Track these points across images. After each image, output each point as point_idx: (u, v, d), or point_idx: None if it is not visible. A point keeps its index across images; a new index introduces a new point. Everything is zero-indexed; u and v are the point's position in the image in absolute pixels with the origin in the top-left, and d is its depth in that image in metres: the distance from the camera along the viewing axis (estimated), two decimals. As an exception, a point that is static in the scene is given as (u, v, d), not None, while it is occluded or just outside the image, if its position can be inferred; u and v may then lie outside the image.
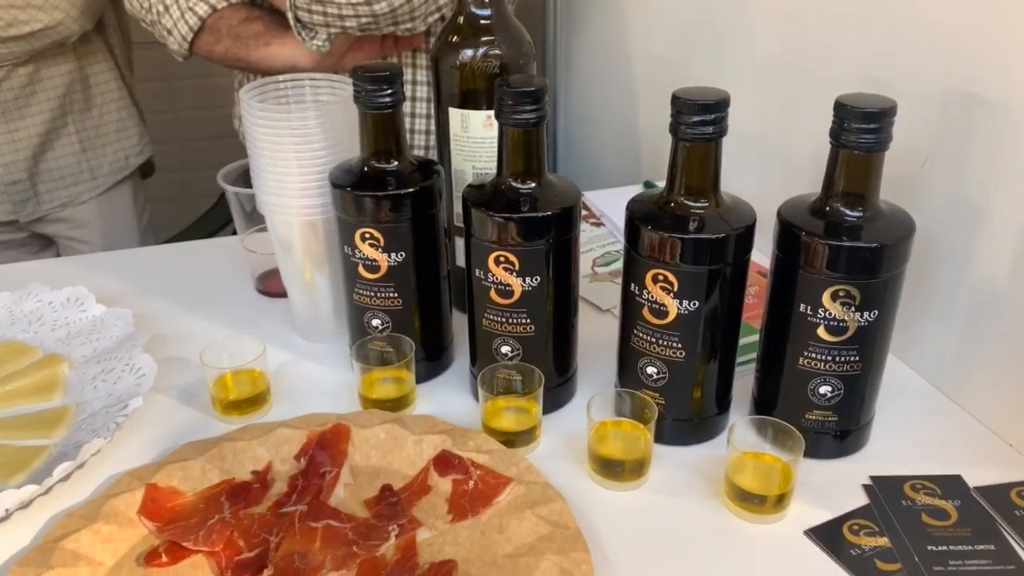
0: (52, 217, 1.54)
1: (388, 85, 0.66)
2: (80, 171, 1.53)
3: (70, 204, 1.54)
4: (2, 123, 1.42)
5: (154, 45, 1.68)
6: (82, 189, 1.54)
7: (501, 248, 0.64)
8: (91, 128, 1.53)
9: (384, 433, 0.67)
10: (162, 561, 0.57)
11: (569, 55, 1.47)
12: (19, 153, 1.46)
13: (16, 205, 1.49)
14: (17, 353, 0.78)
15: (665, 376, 0.65)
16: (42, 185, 1.50)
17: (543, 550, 0.56)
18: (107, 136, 1.56)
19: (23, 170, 1.46)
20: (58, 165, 1.51)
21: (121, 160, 1.59)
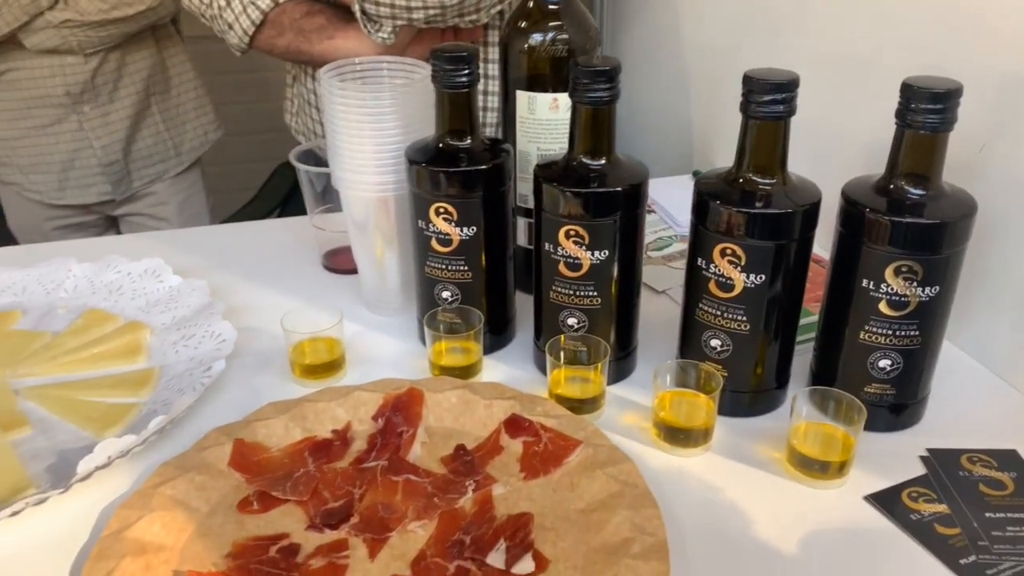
0: (139, 195, 1.60)
1: (466, 65, 0.69)
2: (165, 148, 1.61)
3: (157, 180, 1.61)
4: (97, 107, 1.49)
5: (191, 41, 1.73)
6: (168, 166, 1.61)
7: (572, 222, 0.67)
8: (172, 108, 1.61)
9: (455, 398, 0.70)
10: (254, 508, 0.61)
11: (617, 45, 1.50)
12: (113, 135, 1.53)
13: (113, 185, 1.56)
14: (100, 320, 0.82)
15: (729, 348, 0.67)
16: (133, 164, 1.57)
17: (615, 506, 0.59)
18: (187, 115, 1.64)
19: (118, 151, 1.54)
20: (146, 144, 1.58)
21: (201, 136, 1.66)
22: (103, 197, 1.58)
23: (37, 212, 1.62)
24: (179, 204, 1.67)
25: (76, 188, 1.57)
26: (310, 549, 0.57)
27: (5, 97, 1.49)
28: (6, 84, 1.48)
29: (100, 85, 1.50)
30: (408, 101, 0.75)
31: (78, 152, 1.54)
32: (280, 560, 0.56)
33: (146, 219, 1.64)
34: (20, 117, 1.51)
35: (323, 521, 0.59)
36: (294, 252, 0.98)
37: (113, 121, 1.54)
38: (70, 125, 1.51)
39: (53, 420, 0.70)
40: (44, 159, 1.54)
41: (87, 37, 1.42)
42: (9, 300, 0.86)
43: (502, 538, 0.57)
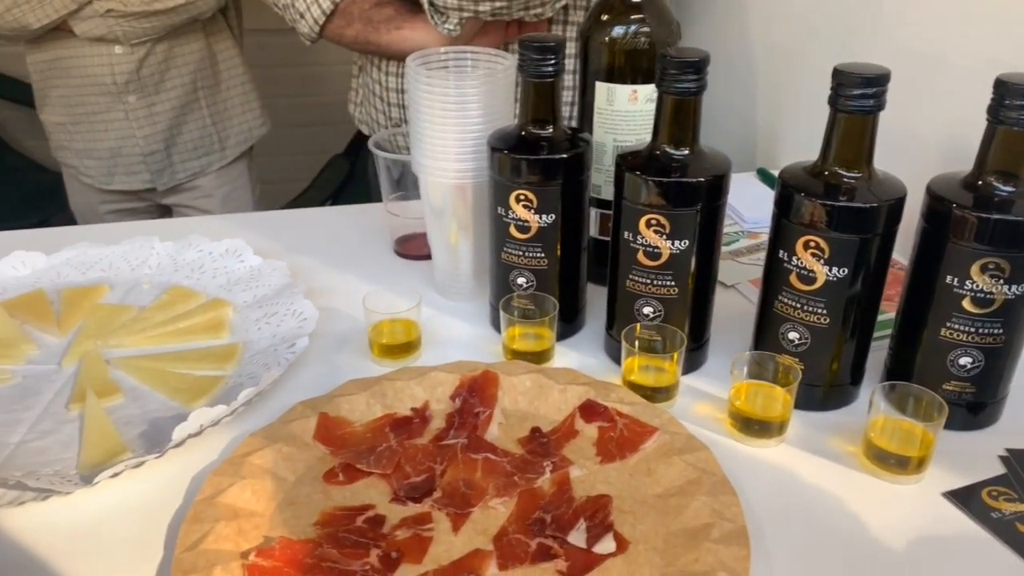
0: (184, 187, 1.64)
1: (552, 55, 0.70)
2: (210, 142, 1.63)
3: (200, 174, 1.63)
4: (142, 97, 1.53)
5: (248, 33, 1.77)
6: (212, 159, 1.64)
7: (653, 211, 0.68)
8: (219, 102, 1.63)
9: (530, 381, 0.72)
10: (339, 480, 0.62)
11: (684, 43, 1.49)
12: (156, 125, 1.56)
13: (154, 174, 1.59)
14: (184, 297, 0.85)
15: (807, 342, 0.68)
16: (176, 155, 1.60)
17: (693, 492, 0.60)
18: (233, 110, 1.66)
19: (160, 141, 1.57)
20: (191, 137, 1.60)
21: (245, 132, 1.68)
22: (146, 185, 1.62)
23: (92, 195, 1.66)
24: (223, 197, 1.70)
25: (123, 175, 1.61)
26: (395, 521, 0.59)
27: (60, 84, 1.54)
28: (61, 71, 1.52)
29: (146, 76, 1.53)
30: (491, 90, 0.77)
31: (124, 140, 1.57)
32: (367, 530, 0.58)
33: (191, 211, 1.67)
34: (74, 103, 1.55)
35: (407, 494, 0.61)
36: (366, 238, 1.00)
37: (157, 112, 1.57)
38: (117, 114, 1.55)
39: (143, 390, 0.72)
40: (95, 145, 1.58)
41: (131, 27, 1.46)
42: (97, 275, 0.89)
43: (582, 518, 0.58)
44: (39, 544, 0.57)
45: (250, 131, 1.71)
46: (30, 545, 0.57)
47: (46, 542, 0.57)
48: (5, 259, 0.89)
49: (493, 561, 0.55)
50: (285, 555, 0.55)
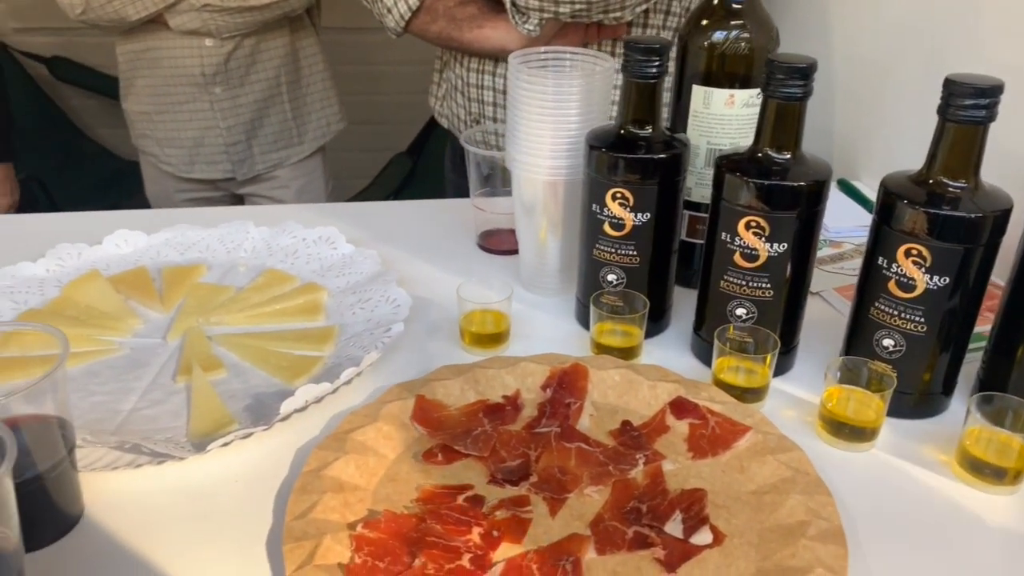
0: (261, 177, 1.68)
1: (657, 57, 0.71)
2: (290, 136, 1.68)
3: (279, 166, 1.68)
4: (227, 89, 1.57)
5: (326, 31, 1.81)
6: (290, 152, 1.68)
7: (753, 213, 0.69)
8: (300, 97, 1.67)
9: (619, 376, 0.73)
10: (438, 460, 0.64)
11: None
12: (240, 117, 1.60)
13: (235, 164, 1.64)
14: (280, 280, 0.88)
15: (902, 349, 0.68)
16: (257, 147, 1.64)
17: (787, 490, 0.60)
18: (313, 105, 1.70)
19: (242, 132, 1.61)
20: (272, 130, 1.65)
21: (324, 127, 1.73)
22: (226, 175, 1.67)
23: (169, 183, 1.72)
24: (299, 188, 1.75)
25: (204, 164, 1.66)
26: (494, 501, 0.60)
27: (148, 74, 1.59)
28: (150, 61, 1.58)
29: (233, 69, 1.58)
30: (589, 90, 0.78)
31: (207, 131, 1.62)
32: (468, 508, 0.59)
33: (267, 201, 1.71)
34: (159, 93, 1.60)
35: (504, 477, 0.63)
36: (449, 231, 1.03)
37: (241, 104, 1.62)
38: (202, 104, 1.60)
39: (245, 366, 0.75)
40: (178, 134, 1.63)
41: (224, 22, 1.50)
42: (195, 256, 0.92)
43: (678, 510, 0.59)
44: (156, 505, 0.60)
45: (328, 126, 1.76)
46: (148, 506, 0.60)
47: (163, 503, 0.60)
48: (109, 237, 0.93)
49: (591, 546, 0.57)
50: (390, 528, 0.56)
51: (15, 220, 1.04)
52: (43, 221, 1.03)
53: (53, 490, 0.55)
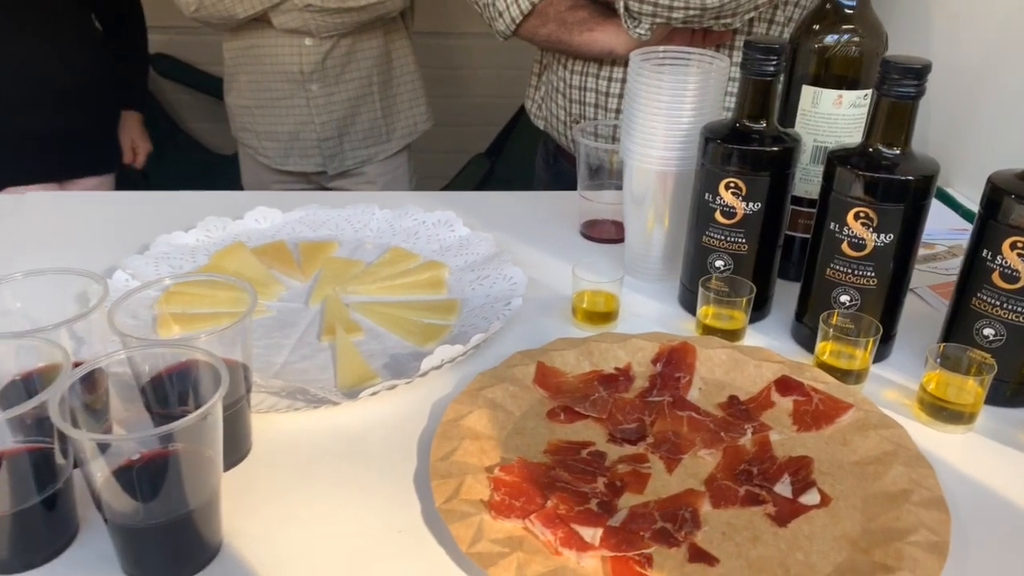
0: (351, 172, 1.78)
1: (776, 56, 0.76)
2: (379, 134, 1.77)
3: (367, 162, 1.77)
4: (323, 87, 1.67)
5: (418, 36, 1.89)
6: (378, 150, 1.77)
7: (863, 204, 0.73)
8: (390, 97, 1.77)
9: (725, 355, 0.78)
10: (561, 419, 0.70)
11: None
12: (333, 114, 1.70)
13: (326, 159, 1.74)
14: (403, 257, 0.95)
15: (1003, 338, 0.71)
16: (348, 143, 1.74)
17: (890, 462, 0.65)
18: (402, 104, 1.79)
19: (334, 128, 1.71)
20: (362, 127, 1.74)
21: (411, 126, 1.81)
22: (318, 168, 1.76)
23: (265, 175, 1.82)
24: (384, 184, 1.83)
25: (298, 157, 1.76)
26: (614, 457, 0.66)
27: (250, 70, 1.70)
28: (252, 58, 1.68)
29: (329, 67, 1.67)
30: (703, 88, 0.84)
31: (303, 126, 1.72)
32: (592, 461, 0.65)
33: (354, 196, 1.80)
34: (260, 89, 1.71)
35: (623, 436, 0.68)
36: (553, 220, 1.09)
37: (335, 102, 1.71)
38: (298, 101, 1.70)
39: (380, 330, 0.83)
40: (275, 128, 1.74)
41: (324, 22, 1.60)
42: (327, 233, 1.01)
43: (786, 473, 0.64)
44: (312, 443, 0.67)
45: (415, 125, 1.84)
46: (305, 444, 0.67)
47: (318, 443, 0.67)
48: (249, 212, 1.02)
49: (707, 500, 0.62)
50: (524, 472, 0.63)
51: (165, 195, 1.15)
52: (185, 198, 1.13)
53: (235, 422, 0.63)
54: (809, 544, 0.59)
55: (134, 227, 1.00)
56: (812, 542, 0.59)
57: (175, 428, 0.49)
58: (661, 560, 0.57)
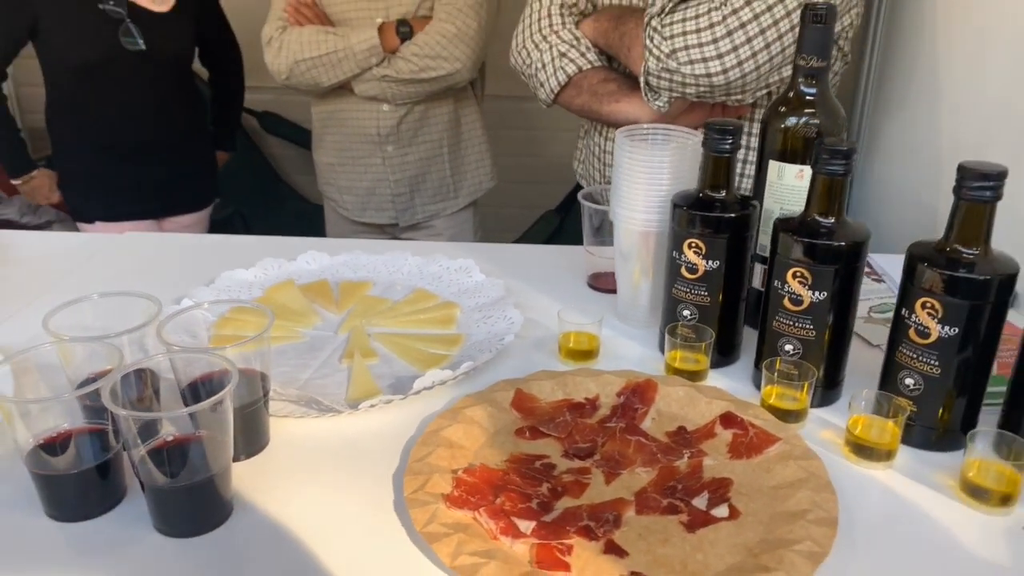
0: (421, 225, 1.96)
1: (731, 136, 0.89)
2: (447, 190, 1.94)
3: (435, 216, 1.95)
4: (398, 148, 1.87)
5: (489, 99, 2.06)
6: (446, 205, 1.95)
7: (799, 265, 0.84)
8: (458, 157, 1.94)
9: (682, 392, 0.89)
10: (526, 436, 0.83)
11: (876, 131, 1.62)
12: (405, 172, 1.89)
13: (399, 212, 1.92)
14: (425, 297, 1.11)
15: (920, 387, 0.80)
16: (418, 198, 1.92)
17: (800, 487, 0.75)
18: (469, 164, 1.97)
19: (406, 185, 1.90)
20: (432, 184, 1.93)
21: (476, 184, 1.99)
22: (391, 221, 1.95)
23: (345, 226, 2.02)
24: (451, 236, 2.00)
25: (373, 210, 1.95)
26: (563, 469, 0.79)
27: (334, 131, 1.91)
28: (337, 121, 1.89)
29: (403, 131, 1.86)
30: (679, 160, 0.97)
31: (379, 182, 1.91)
32: (542, 470, 0.78)
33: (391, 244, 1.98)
34: (343, 148, 1.92)
35: (574, 453, 0.81)
36: (566, 272, 1.22)
37: (408, 161, 1.90)
38: (375, 160, 1.89)
39: (392, 356, 0.98)
40: (354, 184, 1.94)
41: (399, 91, 1.80)
42: (365, 274, 1.18)
43: (706, 491, 0.75)
44: (318, 443, 0.82)
45: (480, 184, 2.02)
46: (312, 443, 0.82)
47: (323, 443, 0.82)
48: (302, 255, 1.20)
49: (632, 507, 0.74)
50: (483, 476, 0.76)
51: (234, 239, 1.34)
52: (251, 241, 1.33)
53: (253, 419, 0.79)
54: (711, 548, 0.69)
55: (207, 263, 1.19)
56: (714, 546, 0.69)
57: (187, 412, 0.66)
58: (580, 550, 0.68)
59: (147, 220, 2.04)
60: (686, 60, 1.20)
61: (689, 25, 1.20)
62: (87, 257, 1.27)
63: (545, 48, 1.42)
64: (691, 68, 1.20)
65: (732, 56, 1.18)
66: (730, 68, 1.19)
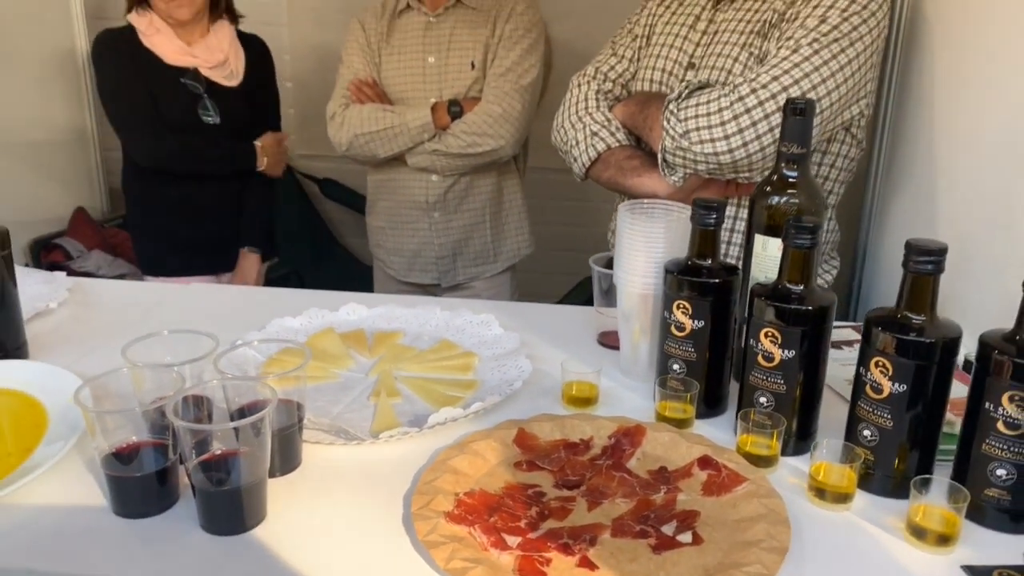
0: (461, 286, 2.11)
1: (714, 212, 1.01)
2: (487, 255, 2.09)
3: (475, 279, 2.10)
4: (443, 215, 2.03)
5: (532, 171, 2.22)
6: (485, 268, 2.10)
7: (770, 326, 0.95)
8: (499, 225, 2.10)
9: (667, 438, 1.00)
10: (523, 468, 0.95)
11: (885, 209, 1.72)
12: (450, 237, 2.05)
13: (441, 274, 2.08)
14: (448, 347, 1.24)
15: (877, 439, 0.90)
16: (460, 262, 2.08)
17: (759, 520, 0.84)
18: (508, 231, 2.12)
19: (450, 249, 2.06)
20: (473, 249, 2.08)
21: (515, 250, 2.13)
22: (434, 282, 2.10)
23: (391, 285, 2.18)
24: (489, 298, 2.14)
25: (418, 271, 2.11)
26: (552, 496, 0.90)
27: (387, 197, 2.08)
28: (389, 188, 2.07)
29: (450, 199, 2.03)
30: (672, 231, 1.09)
31: (424, 245, 2.07)
32: (533, 496, 0.89)
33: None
34: (394, 213, 2.09)
35: (564, 484, 0.92)
36: (580, 329, 1.35)
37: (452, 227, 2.06)
38: (422, 225, 2.06)
39: (414, 396, 1.11)
40: (402, 246, 2.10)
41: (448, 163, 1.96)
42: (397, 325, 1.32)
43: (675, 520, 0.85)
44: (343, 466, 0.95)
45: (518, 250, 2.16)
46: (338, 466, 0.95)
47: (347, 466, 0.95)
48: (344, 307, 1.35)
49: (608, 531, 0.84)
50: (480, 499, 0.87)
51: (285, 292, 1.50)
52: (301, 294, 1.48)
53: (288, 441, 0.92)
54: (672, 567, 0.79)
55: (260, 312, 1.34)
56: (676, 566, 0.79)
57: (232, 427, 0.79)
58: (557, 563, 0.79)
59: (208, 276, 2.22)
60: (697, 140, 1.33)
61: (701, 109, 1.34)
62: (156, 303, 1.44)
63: (580, 128, 1.57)
64: (701, 147, 1.33)
65: (737, 138, 1.31)
66: (735, 148, 1.32)
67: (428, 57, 1.98)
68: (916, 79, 1.61)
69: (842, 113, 1.39)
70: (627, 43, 1.65)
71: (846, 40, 1.33)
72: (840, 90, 1.33)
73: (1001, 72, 1.29)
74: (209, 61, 2.05)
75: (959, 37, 1.47)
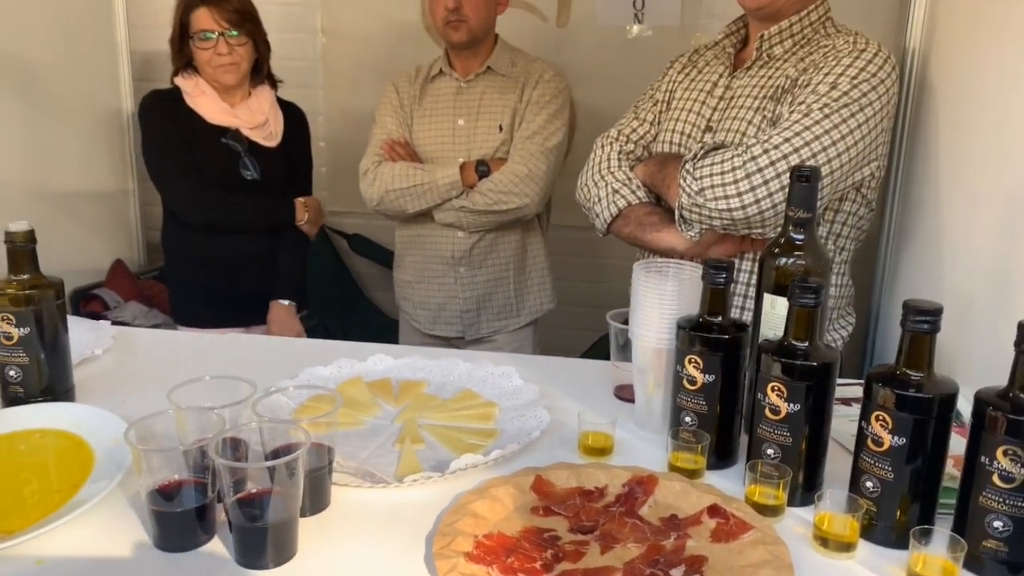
0: (484, 339, 2.17)
1: (725, 272, 1.07)
2: (510, 309, 2.16)
3: (498, 332, 2.16)
4: (468, 270, 2.10)
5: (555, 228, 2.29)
6: (508, 322, 2.16)
7: (776, 381, 1.00)
8: (522, 280, 2.16)
9: (679, 487, 1.04)
10: (540, 513, 0.99)
11: (895, 270, 1.77)
12: (474, 291, 2.12)
13: (465, 327, 2.14)
14: (470, 397, 1.30)
15: (879, 490, 0.94)
16: (484, 316, 2.14)
17: (763, 566, 0.88)
18: (531, 287, 2.18)
19: (473, 303, 2.12)
20: (497, 303, 2.14)
21: (537, 305, 2.20)
22: (458, 335, 2.17)
23: (415, 337, 2.24)
24: (511, 351, 2.19)
25: (443, 324, 2.17)
26: (567, 540, 0.94)
27: (414, 252, 2.16)
28: (418, 244, 2.15)
29: (475, 255, 2.10)
30: (685, 289, 1.15)
31: (449, 300, 2.14)
32: (549, 540, 0.94)
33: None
34: (420, 268, 2.16)
35: (578, 529, 0.96)
36: (597, 383, 1.40)
37: (477, 283, 2.13)
38: (448, 280, 2.13)
39: (436, 443, 1.16)
40: (428, 300, 2.17)
41: (474, 220, 2.04)
42: (421, 375, 1.38)
43: (684, 564, 0.89)
44: (369, 508, 1.00)
45: (541, 305, 2.23)
46: (365, 508, 1.00)
47: (373, 508, 1.00)
48: (371, 357, 1.41)
49: (620, 573, 0.88)
50: (499, 541, 0.92)
51: (316, 342, 1.57)
52: (331, 344, 1.55)
53: (319, 482, 0.98)
54: (680, 610, 0.83)
55: (292, 361, 1.41)
56: (683, 609, 0.83)
57: (267, 466, 0.85)
58: (570, 603, 0.84)
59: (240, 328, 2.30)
60: (711, 197, 1.40)
61: (715, 168, 1.41)
62: (195, 352, 1.51)
63: (603, 185, 1.64)
64: (715, 204, 1.40)
65: (750, 195, 1.37)
66: (748, 205, 1.38)
67: (458, 120, 2.08)
68: (923, 145, 1.68)
69: (852, 175, 1.45)
70: (648, 107, 1.73)
71: (856, 106, 1.39)
72: (849, 153, 1.40)
73: (1000, 141, 1.35)
74: (250, 122, 2.16)
75: (962, 106, 1.54)
